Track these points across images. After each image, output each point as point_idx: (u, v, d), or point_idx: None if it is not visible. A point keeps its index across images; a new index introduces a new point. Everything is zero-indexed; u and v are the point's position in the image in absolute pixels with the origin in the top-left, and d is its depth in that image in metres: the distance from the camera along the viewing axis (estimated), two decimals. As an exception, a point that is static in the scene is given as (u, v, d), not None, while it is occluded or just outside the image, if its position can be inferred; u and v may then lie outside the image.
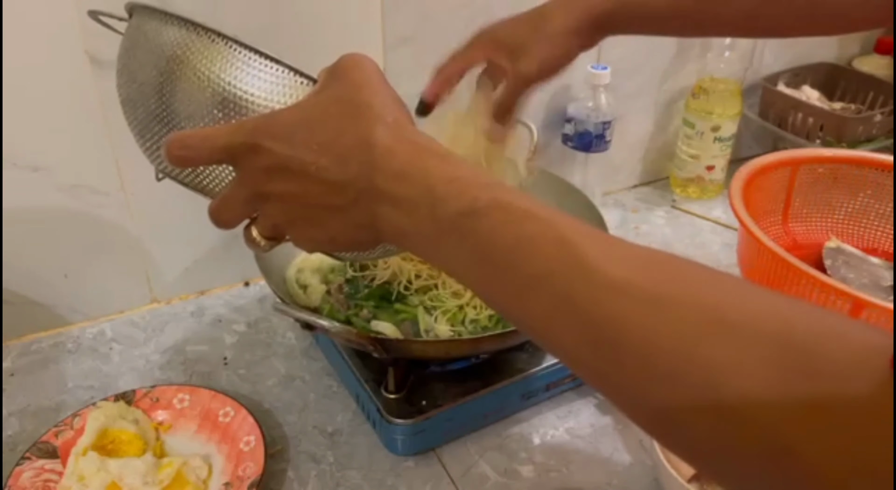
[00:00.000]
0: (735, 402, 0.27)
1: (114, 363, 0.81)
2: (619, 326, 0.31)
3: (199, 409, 0.71)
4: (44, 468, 0.65)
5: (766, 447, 0.27)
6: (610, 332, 0.31)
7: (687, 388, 0.29)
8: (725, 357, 0.28)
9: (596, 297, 0.31)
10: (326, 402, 0.76)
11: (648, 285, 0.31)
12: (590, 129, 1.00)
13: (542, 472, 0.69)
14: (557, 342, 0.34)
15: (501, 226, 0.35)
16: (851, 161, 0.91)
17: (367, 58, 0.42)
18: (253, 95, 0.44)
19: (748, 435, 0.27)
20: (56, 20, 0.69)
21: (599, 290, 0.31)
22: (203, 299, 0.91)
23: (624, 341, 0.30)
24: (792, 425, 0.26)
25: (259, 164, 0.40)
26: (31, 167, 0.75)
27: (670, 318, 0.30)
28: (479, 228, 0.35)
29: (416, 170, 0.38)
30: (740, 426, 0.27)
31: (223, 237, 0.88)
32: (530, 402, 0.74)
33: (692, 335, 0.29)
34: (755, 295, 0.30)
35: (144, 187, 0.81)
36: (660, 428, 0.32)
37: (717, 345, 0.28)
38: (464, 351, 0.71)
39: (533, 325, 0.35)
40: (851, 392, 0.25)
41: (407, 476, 0.68)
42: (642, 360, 0.30)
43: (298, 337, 0.84)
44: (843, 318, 0.29)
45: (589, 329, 0.32)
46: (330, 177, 0.39)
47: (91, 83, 0.73)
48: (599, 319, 0.31)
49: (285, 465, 0.69)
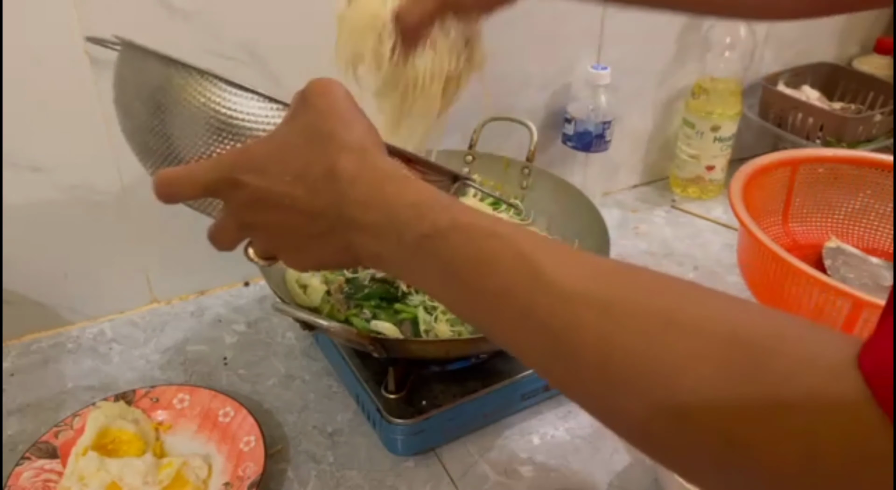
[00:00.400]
0: (688, 404, 0.28)
1: (114, 363, 0.81)
2: (575, 335, 0.32)
3: (199, 409, 0.71)
4: (44, 468, 0.65)
5: (722, 446, 0.27)
6: (568, 341, 0.32)
7: (642, 391, 0.29)
8: (676, 359, 0.29)
9: (553, 308, 0.32)
10: (326, 402, 0.76)
11: (602, 293, 0.32)
12: (590, 129, 1.00)
13: (542, 472, 0.69)
14: (525, 354, 0.35)
15: (462, 245, 0.36)
16: (851, 161, 0.91)
17: (334, 82, 0.43)
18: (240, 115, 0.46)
19: (703, 435, 0.28)
20: (56, 20, 0.69)
21: (556, 300, 0.32)
22: (203, 299, 0.91)
23: (581, 349, 0.31)
24: (744, 423, 0.27)
25: (240, 197, 0.42)
26: (31, 167, 0.75)
27: (623, 324, 0.31)
28: (441, 249, 0.37)
29: (379, 196, 0.39)
30: (695, 426, 0.28)
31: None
32: (530, 401, 0.74)
33: (644, 339, 0.30)
34: (708, 298, 0.31)
35: (144, 187, 0.80)
36: (626, 433, 0.32)
37: (668, 347, 0.29)
38: (464, 351, 0.71)
39: (502, 339, 0.36)
40: (803, 389, 0.26)
41: (407, 476, 0.68)
42: (600, 367, 0.31)
43: (298, 337, 0.84)
44: (798, 321, 0.29)
45: (549, 340, 0.33)
46: (304, 207, 0.40)
47: (91, 83, 0.74)
48: (558, 329, 0.32)
49: (285, 465, 0.69)
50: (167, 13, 0.73)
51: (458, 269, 0.36)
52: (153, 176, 0.47)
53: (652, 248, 1.03)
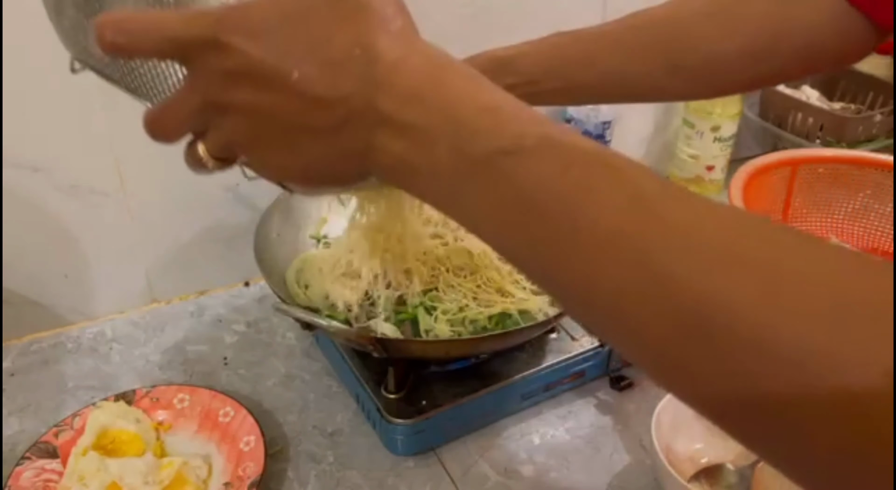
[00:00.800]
0: (863, 396, 0.22)
1: (114, 363, 0.81)
2: (723, 305, 0.24)
3: (199, 409, 0.71)
4: (44, 468, 0.65)
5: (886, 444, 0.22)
6: (709, 311, 0.24)
7: (801, 377, 0.23)
8: (860, 346, 0.23)
9: (689, 271, 0.25)
10: (326, 402, 0.76)
11: (760, 256, 0.25)
12: (590, 129, 1.00)
13: (542, 472, 0.69)
14: (623, 317, 0.27)
15: (556, 171, 0.28)
16: (851, 161, 0.91)
17: None
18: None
19: (869, 431, 0.22)
20: (56, 20, 0.69)
21: (695, 260, 0.25)
22: (203, 299, 0.90)
23: (730, 323, 0.24)
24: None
25: (220, 65, 0.31)
26: (31, 167, 0.75)
27: (792, 299, 0.24)
28: (524, 171, 0.28)
29: (435, 92, 0.30)
30: (865, 422, 0.22)
31: (223, 237, 0.88)
32: (530, 402, 0.74)
33: (824, 324, 0.23)
34: (878, 267, 0.25)
35: (144, 187, 0.81)
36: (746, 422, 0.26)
37: (853, 332, 0.23)
38: (464, 351, 0.71)
39: (590, 302, 0.28)
40: None
41: (407, 476, 0.68)
42: (754, 347, 0.24)
43: (298, 337, 0.84)
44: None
45: (677, 306, 0.25)
46: (314, 90, 0.30)
47: (91, 83, 0.73)
48: (696, 295, 0.25)
49: (285, 465, 0.69)
50: (167, 13, 0.73)
51: (540, 200, 0.28)
52: (64, 34, 0.36)
53: (652, 248, 1.03)
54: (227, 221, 0.87)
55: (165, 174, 0.82)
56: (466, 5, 0.88)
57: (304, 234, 0.83)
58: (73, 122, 0.75)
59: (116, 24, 0.32)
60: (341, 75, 0.30)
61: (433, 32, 0.93)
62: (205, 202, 0.85)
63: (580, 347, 0.75)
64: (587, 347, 0.75)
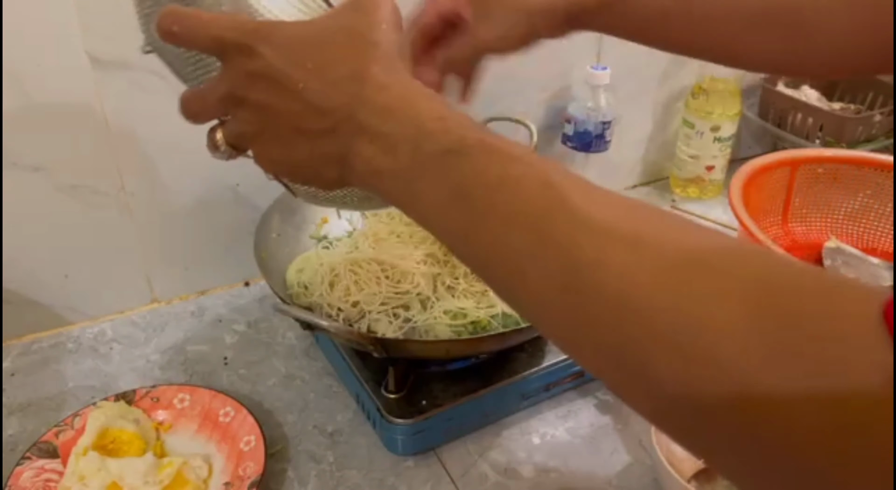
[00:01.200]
0: (715, 344, 0.26)
1: (114, 363, 0.81)
2: (597, 268, 0.30)
3: (199, 408, 0.71)
4: (44, 468, 0.65)
5: (738, 392, 0.26)
6: (588, 274, 0.30)
7: (663, 331, 0.28)
8: (705, 298, 0.27)
9: (576, 238, 0.31)
10: (326, 402, 0.76)
11: (630, 228, 0.31)
12: (590, 129, 1.00)
13: (542, 472, 0.69)
14: (524, 285, 0.33)
15: (486, 166, 0.34)
16: (851, 161, 0.91)
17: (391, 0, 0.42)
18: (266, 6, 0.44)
19: (722, 379, 0.26)
20: (56, 20, 0.69)
21: (581, 230, 0.31)
22: (203, 299, 0.91)
23: (600, 284, 0.30)
24: (769, 371, 0.25)
25: (246, 66, 0.39)
26: (31, 167, 0.75)
27: (650, 259, 0.29)
28: (463, 166, 0.35)
29: (405, 106, 0.37)
30: (720, 373, 0.26)
31: (223, 237, 0.88)
32: (530, 401, 0.74)
33: (672, 276, 0.29)
34: (735, 242, 0.31)
35: (144, 187, 0.81)
36: (633, 378, 0.30)
37: (697, 286, 0.28)
38: (464, 351, 0.71)
39: (503, 268, 0.34)
40: (836, 333, 0.25)
41: (407, 476, 0.68)
42: (618, 303, 0.29)
43: (298, 337, 0.84)
44: (826, 272, 0.28)
45: (566, 270, 0.31)
46: (313, 99, 0.38)
47: (91, 83, 0.74)
48: (578, 260, 0.31)
49: (285, 465, 0.69)
50: (167, 13, 0.73)
51: (474, 187, 0.34)
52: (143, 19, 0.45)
53: (652, 248, 1.03)
54: (227, 221, 0.87)
55: (165, 174, 0.82)
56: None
57: (304, 234, 0.83)
58: (73, 122, 0.75)
59: (176, 16, 0.40)
60: (337, 92, 0.38)
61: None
62: (205, 202, 0.85)
63: (580, 347, 0.75)
64: (587, 347, 0.75)
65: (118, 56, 0.73)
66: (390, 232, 0.81)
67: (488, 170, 0.34)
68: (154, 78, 0.76)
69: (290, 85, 0.38)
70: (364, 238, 0.81)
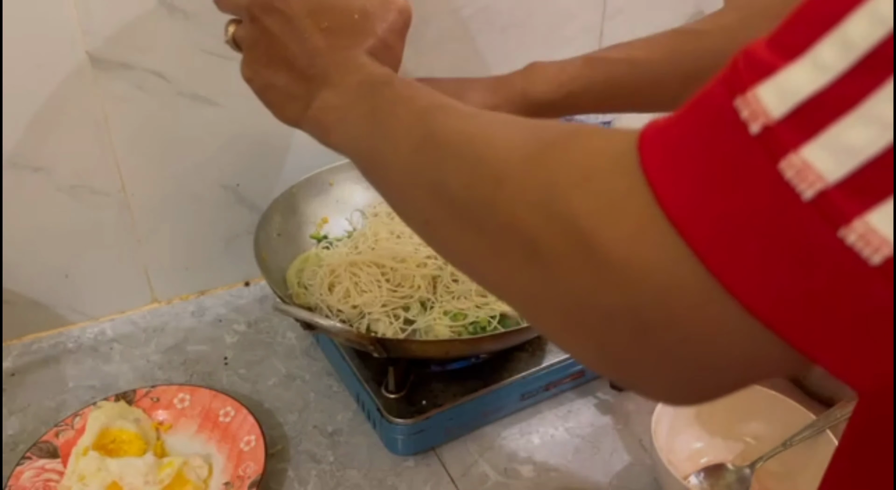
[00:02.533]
0: (504, 162, 0.33)
1: (114, 363, 0.81)
2: (435, 126, 0.38)
3: (199, 408, 0.71)
4: (44, 468, 0.65)
5: (539, 216, 0.30)
6: (431, 132, 0.38)
7: (463, 156, 0.35)
8: (493, 132, 0.36)
9: (432, 116, 0.39)
10: (327, 402, 0.76)
11: (468, 110, 0.40)
12: (590, 129, 1.00)
13: (542, 472, 0.69)
14: (398, 153, 0.40)
15: (401, 94, 0.43)
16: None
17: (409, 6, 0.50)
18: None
19: (517, 204, 0.31)
20: (56, 20, 0.69)
21: (433, 112, 0.40)
22: (203, 299, 0.91)
23: (437, 135, 0.38)
24: (555, 189, 0.30)
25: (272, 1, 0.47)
26: (31, 167, 0.75)
27: (460, 118, 0.38)
28: (386, 93, 0.43)
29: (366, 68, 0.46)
30: (510, 193, 0.32)
31: (223, 237, 0.89)
32: (530, 401, 0.74)
33: (471, 124, 0.37)
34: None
35: (144, 187, 0.81)
36: (440, 199, 0.37)
37: (487, 126, 0.37)
38: (464, 351, 0.71)
39: (394, 150, 0.41)
40: (603, 159, 0.29)
41: (407, 476, 0.68)
42: (455, 152, 0.36)
43: (299, 337, 0.84)
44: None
45: (423, 134, 0.39)
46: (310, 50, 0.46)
47: (91, 83, 0.74)
48: (430, 127, 0.39)
49: (285, 465, 0.69)
50: (168, 13, 0.73)
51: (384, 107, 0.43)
52: None
53: (652, 248, 1.03)
54: (227, 221, 0.88)
55: (165, 174, 0.82)
56: (466, 6, 0.88)
57: (304, 234, 0.83)
58: (73, 122, 0.75)
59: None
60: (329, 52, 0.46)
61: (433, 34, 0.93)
62: (205, 202, 0.85)
63: (580, 347, 0.75)
64: (587, 347, 0.75)
65: (118, 56, 0.73)
66: (391, 232, 0.81)
67: (401, 93, 0.43)
68: (154, 78, 0.76)
69: (300, 31, 0.46)
70: (364, 238, 0.81)
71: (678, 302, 0.26)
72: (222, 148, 0.83)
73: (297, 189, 0.82)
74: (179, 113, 0.79)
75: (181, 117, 0.79)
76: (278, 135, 0.86)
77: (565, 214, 0.28)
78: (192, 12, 0.74)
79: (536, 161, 0.31)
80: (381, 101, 0.43)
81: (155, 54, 0.75)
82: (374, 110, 0.43)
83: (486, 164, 0.34)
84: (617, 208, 0.27)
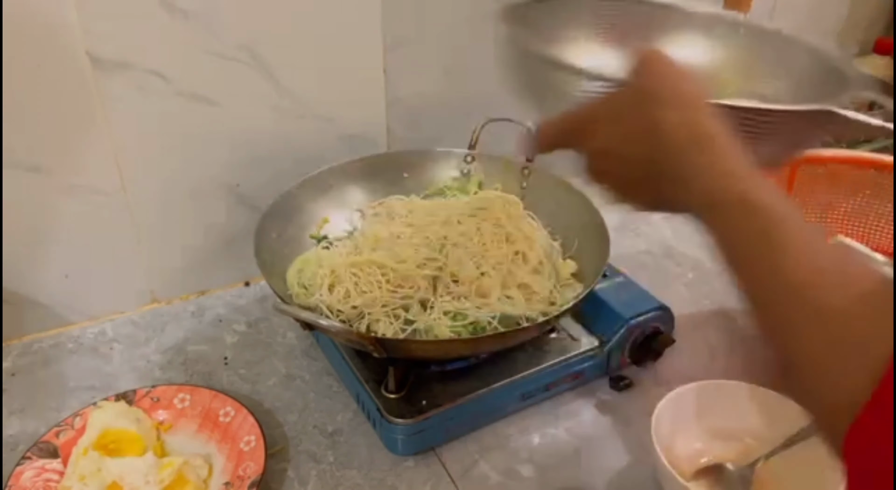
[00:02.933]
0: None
1: (114, 363, 0.81)
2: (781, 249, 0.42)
3: (199, 408, 0.71)
4: (44, 468, 0.65)
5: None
6: (777, 251, 0.41)
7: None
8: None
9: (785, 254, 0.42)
10: (327, 402, 0.76)
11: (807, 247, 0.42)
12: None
13: (542, 472, 0.69)
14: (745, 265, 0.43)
15: (737, 218, 0.44)
16: (851, 161, 0.91)
17: (657, 51, 0.48)
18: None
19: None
20: (57, 20, 0.69)
21: (785, 248, 0.42)
22: (203, 299, 0.91)
23: (785, 258, 0.41)
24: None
25: (593, 145, 0.49)
26: (31, 167, 0.75)
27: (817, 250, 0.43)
28: (725, 218, 0.44)
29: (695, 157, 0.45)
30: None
31: (223, 237, 0.89)
32: (530, 401, 0.74)
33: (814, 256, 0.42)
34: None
35: (144, 187, 0.81)
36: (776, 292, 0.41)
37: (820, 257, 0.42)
38: (464, 351, 0.71)
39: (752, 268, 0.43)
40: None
41: (407, 476, 0.68)
42: (794, 261, 0.41)
43: (299, 337, 0.84)
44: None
45: (763, 249, 0.42)
46: (628, 157, 0.47)
47: (91, 83, 0.74)
48: (773, 241, 0.42)
49: (285, 465, 0.69)
50: (168, 13, 0.73)
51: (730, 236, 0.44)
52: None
53: (652, 249, 1.03)
54: (227, 221, 0.88)
55: (165, 174, 0.82)
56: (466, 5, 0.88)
57: (304, 235, 0.83)
58: (73, 122, 0.75)
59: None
60: (638, 145, 0.47)
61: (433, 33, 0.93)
62: (205, 202, 0.85)
63: (580, 347, 0.75)
64: (587, 347, 0.75)
65: (118, 56, 0.73)
66: (391, 232, 0.81)
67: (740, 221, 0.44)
68: (154, 78, 0.76)
69: (614, 153, 0.48)
70: (364, 239, 0.81)
71: None
72: (222, 148, 0.83)
73: (298, 189, 0.82)
74: (179, 113, 0.79)
75: (181, 117, 0.79)
76: (278, 135, 0.86)
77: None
78: (192, 12, 0.74)
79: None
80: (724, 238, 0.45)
81: (155, 54, 0.75)
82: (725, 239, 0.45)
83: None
84: None
